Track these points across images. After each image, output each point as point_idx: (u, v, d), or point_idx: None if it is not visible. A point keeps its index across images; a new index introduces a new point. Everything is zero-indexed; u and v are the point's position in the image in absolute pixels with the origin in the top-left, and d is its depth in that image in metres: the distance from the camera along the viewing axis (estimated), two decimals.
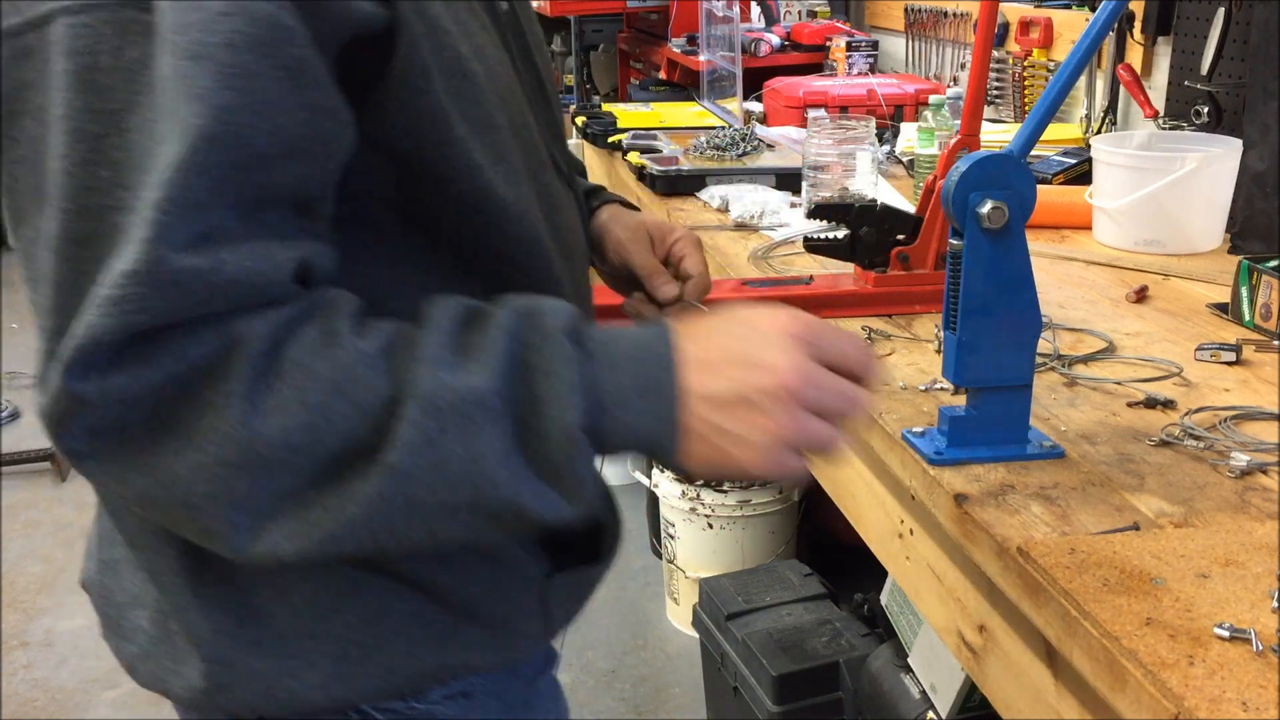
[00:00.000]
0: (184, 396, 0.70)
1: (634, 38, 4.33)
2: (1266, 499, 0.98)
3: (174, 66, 0.69)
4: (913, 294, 1.43)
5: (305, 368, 0.71)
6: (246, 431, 0.70)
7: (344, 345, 0.73)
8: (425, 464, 0.71)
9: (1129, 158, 1.76)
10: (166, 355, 0.69)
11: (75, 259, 0.69)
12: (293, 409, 0.70)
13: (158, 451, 0.70)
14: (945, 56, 2.96)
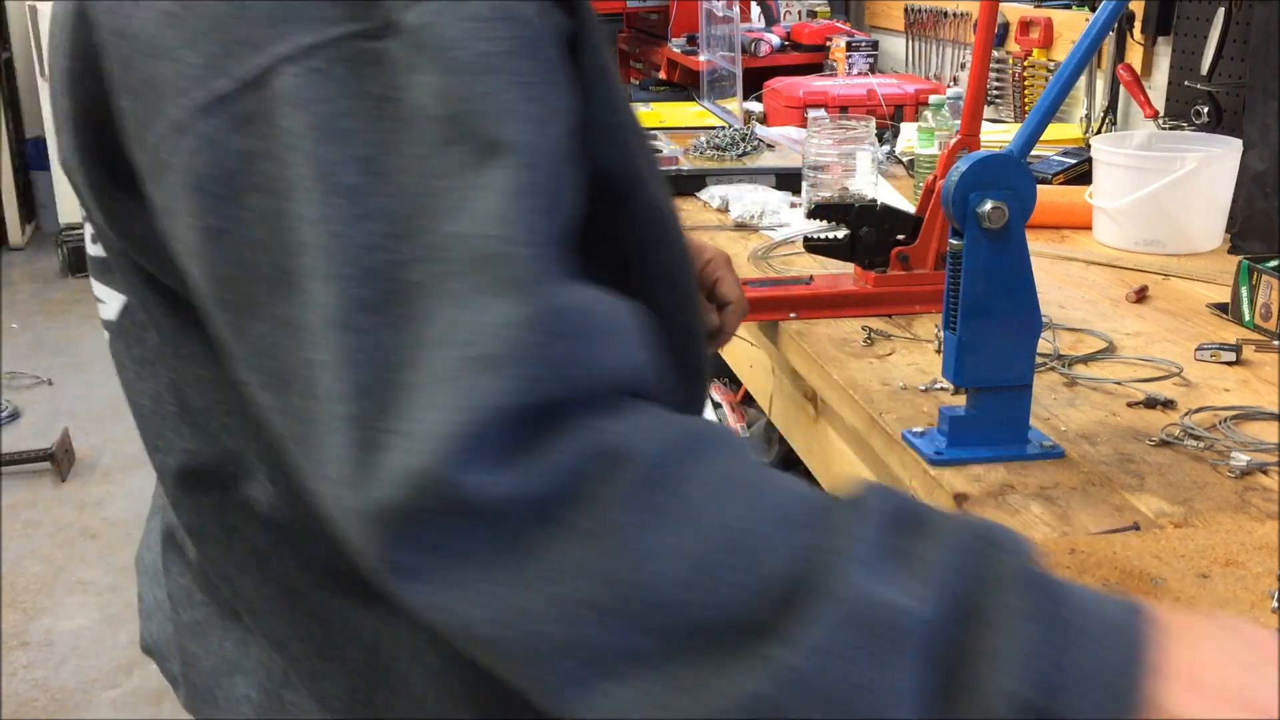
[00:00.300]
0: (559, 511, 0.56)
1: (634, 38, 4.33)
2: (1266, 499, 0.98)
3: (449, 87, 0.59)
4: (913, 294, 1.43)
5: (696, 509, 0.58)
6: (620, 571, 0.56)
7: (741, 492, 0.59)
8: (823, 680, 0.56)
9: (1129, 158, 1.76)
10: (556, 453, 0.56)
11: (373, 328, 0.57)
12: (675, 557, 0.57)
13: (505, 578, 0.57)
14: (945, 56, 2.96)
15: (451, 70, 0.59)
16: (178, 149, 0.61)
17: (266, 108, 0.59)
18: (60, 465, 3.49)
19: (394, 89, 0.59)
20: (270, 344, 0.60)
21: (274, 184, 0.59)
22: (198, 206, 0.60)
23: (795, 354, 1.40)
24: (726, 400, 2.85)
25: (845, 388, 1.24)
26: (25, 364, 4.26)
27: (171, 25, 0.62)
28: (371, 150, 0.59)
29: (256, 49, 0.60)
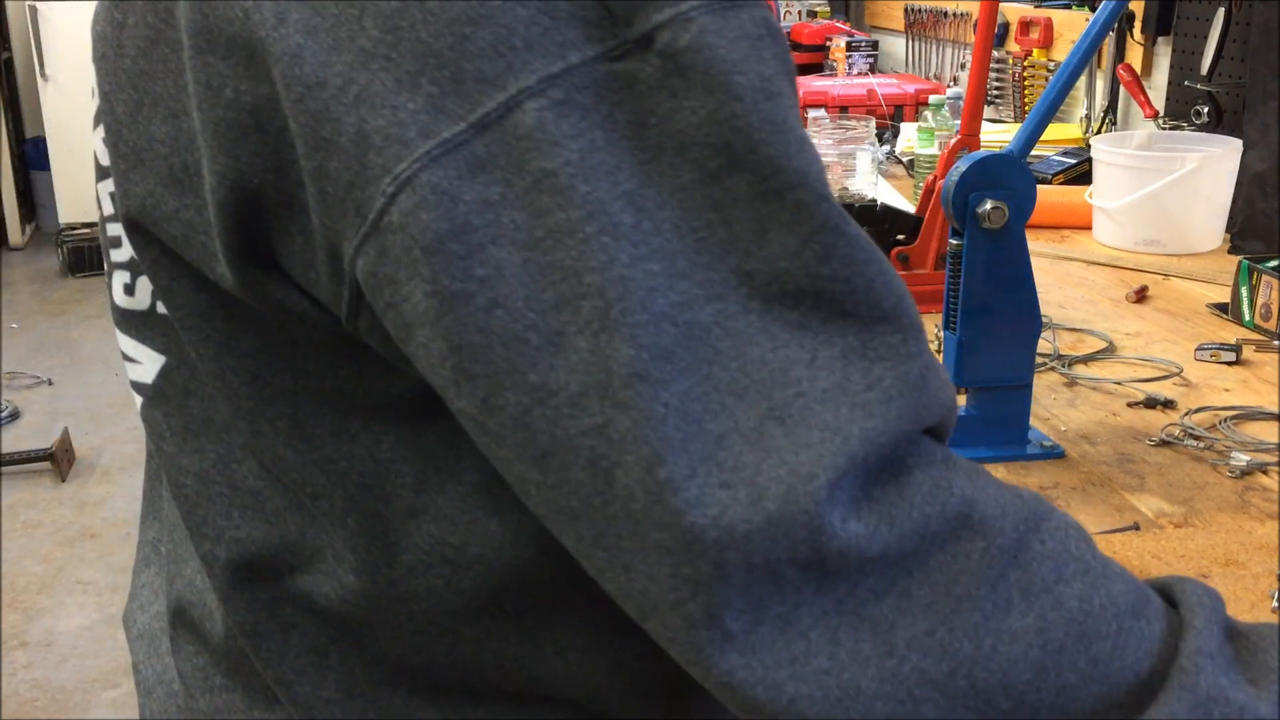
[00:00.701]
0: (908, 576, 0.52)
1: None
2: (1266, 499, 0.98)
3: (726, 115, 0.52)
4: (913, 294, 1.43)
5: (1051, 591, 0.54)
6: (971, 649, 0.52)
7: (1094, 580, 0.55)
8: None
9: (1129, 158, 1.76)
10: (909, 509, 0.51)
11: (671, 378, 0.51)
12: (1028, 639, 0.52)
13: (829, 649, 0.51)
14: (945, 56, 2.97)
15: (730, 96, 0.52)
16: (401, 208, 0.53)
17: (508, 149, 0.52)
18: (60, 465, 3.49)
19: (650, 114, 0.53)
20: (526, 416, 0.52)
21: (517, 234, 0.52)
22: (431, 269, 0.52)
23: None
24: None
25: None
26: (25, 364, 4.26)
27: (376, 66, 0.54)
28: (635, 185, 0.53)
29: (488, 84, 0.52)
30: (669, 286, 0.51)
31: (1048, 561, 0.54)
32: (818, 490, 0.48)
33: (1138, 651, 0.54)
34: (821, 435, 0.50)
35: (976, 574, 0.52)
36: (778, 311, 0.52)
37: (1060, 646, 0.53)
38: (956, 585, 0.52)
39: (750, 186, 0.52)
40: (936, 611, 0.51)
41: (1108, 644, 0.54)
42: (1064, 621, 0.53)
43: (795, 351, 0.51)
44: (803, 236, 0.52)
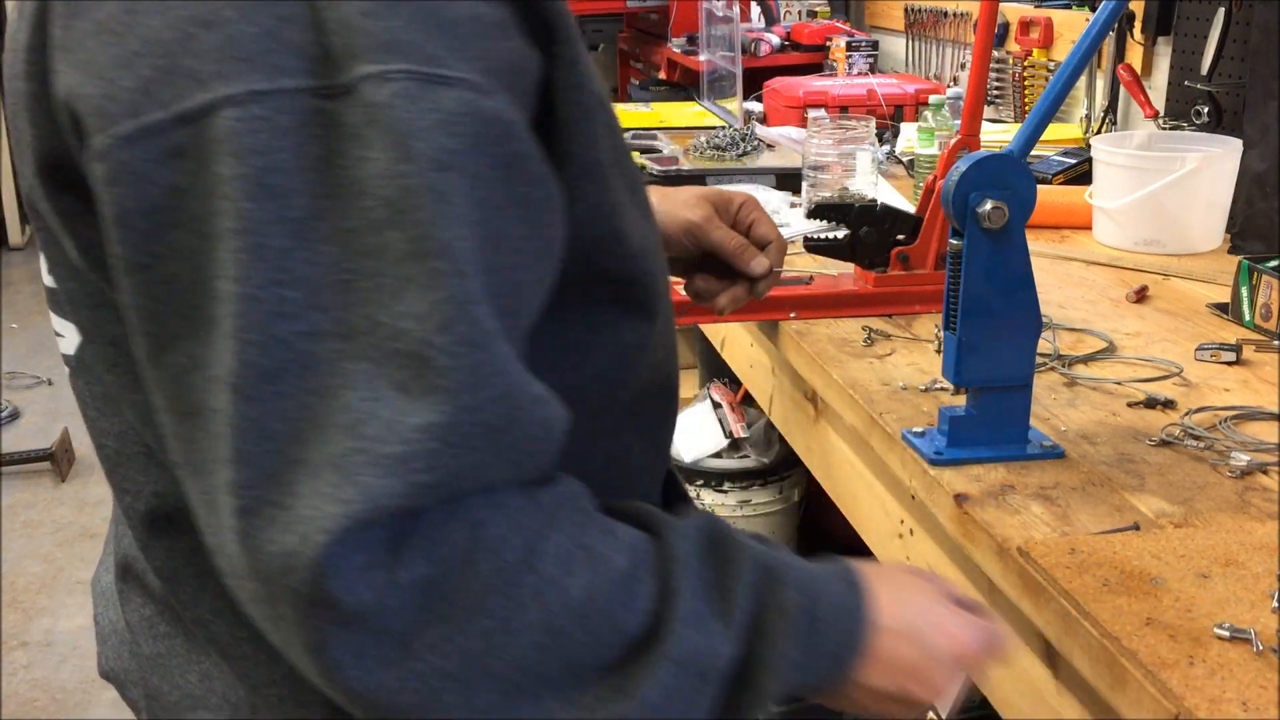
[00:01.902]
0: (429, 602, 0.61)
1: (634, 38, 4.33)
2: (1266, 499, 0.98)
3: (399, 173, 0.58)
4: (913, 294, 1.43)
5: (557, 586, 0.65)
6: (481, 648, 0.63)
7: (598, 565, 0.67)
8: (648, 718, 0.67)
9: (1129, 158, 1.76)
10: (418, 549, 0.60)
11: (262, 398, 0.58)
12: (534, 629, 0.64)
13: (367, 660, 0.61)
14: (945, 56, 2.96)
15: (406, 158, 0.58)
16: (101, 177, 0.59)
17: (200, 146, 0.57)
18: (60, 465, 3.49)
19: (339, 155, 0.58)
20: (182, 377, 0.60)
21: (198, 226, 0.58)
22: (120, 238, 0.59)
23: (795, 354, 1.40)
24: (726, 400, 2.85)
25: (845, 388, 1.24)
26: (25, 364, 4.26)
27: (107, 40, 0.59)
28: (304, 214, 0.58)
29: (199, 83, 0.58)
30: (300, 315, 0.58)
31: (558, 562, 0.64)
32: (330, 540, 0.56)
33: (632, 615, 0.67)
34: (357, 493, 0.57)
35: (487, 587, 0.62)
36: (388, 367, 0.58)
37: (563, 629, 0.64)
38: (467, 598, 0.62)
39: (401, 245, 0.58)
40: (451, 621, 0.61)
41: (606, 618, 0.66)
42: (569, 610, 0.64)
43: (383, 410, 0.58)
44: (431, 303, 0.58)
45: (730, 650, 0.70)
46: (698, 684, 0.68)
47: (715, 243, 1.05)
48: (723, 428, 2.79)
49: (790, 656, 0.72)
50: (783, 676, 0.72)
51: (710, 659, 0.69)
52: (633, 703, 0.66)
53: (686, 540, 0.72)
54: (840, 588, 0.77)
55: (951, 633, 0.81)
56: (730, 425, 2.78)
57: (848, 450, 1.34)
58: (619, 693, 0.67)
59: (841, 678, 0.77)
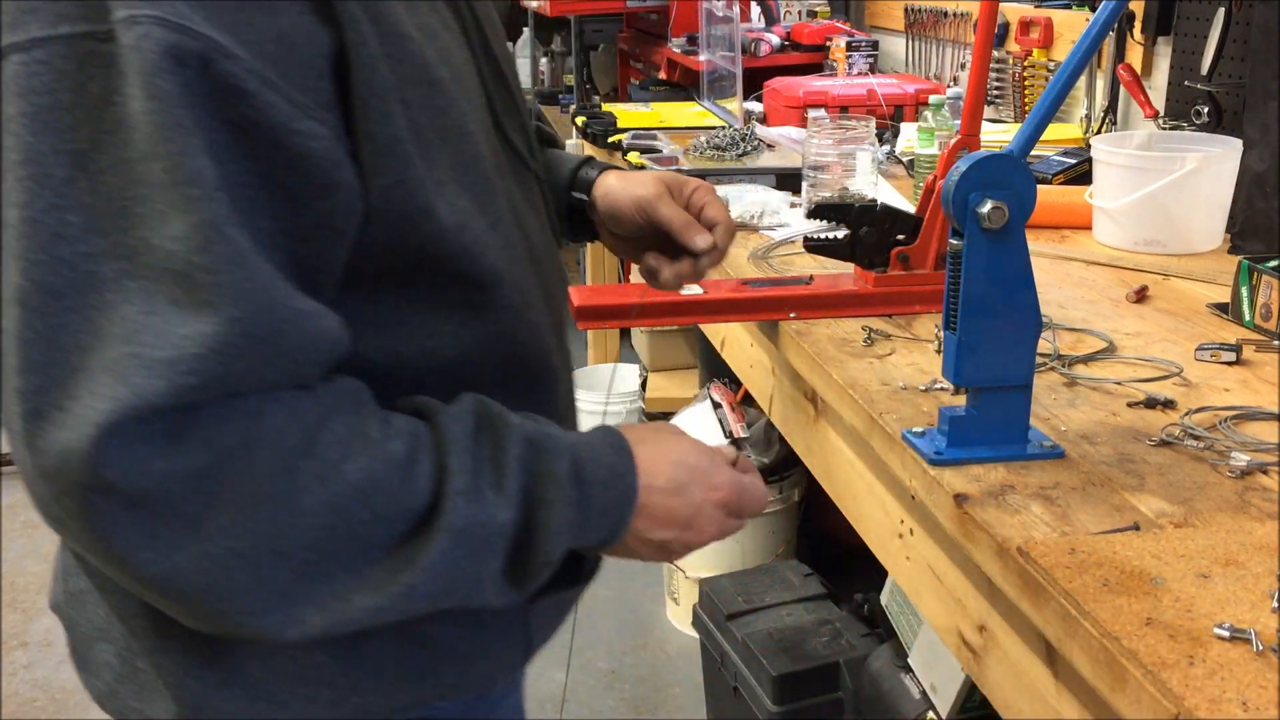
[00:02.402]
0: (211, 485, 0.69)
1: (634, 38, 4.33)
2: (1266, 499, 0.98)
3: (151, 110, 0.66)
4: (913, 294, 1.43)
5: (337, 470, 0.73)
6: (268, 530, 0.70)
7: (374, 450, 0.74)
8: (440, 586, 0.77)
9: (1129, 158, 1.76)
10: (197, 439, 0.68)
11: (48, 312, 0.66)
12: (319, 510, 0.72)
13: (160, 543, 0.69)
14: (945, 56, 2.96)
15: (153, 95, 0.65)
16: None
17: None
18: None
19: (114, 93, 0.66)
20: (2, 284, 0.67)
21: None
22: None
23: (795, 354, 1.40)
24: (726, 400, 2.85)
25: (845, 388, 1.24)
26: None
27: None
28: (84, 146, 0.66)
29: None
30: (82, 239, 0.66)
31: (336, 447, 0.73)
32: (100, 432, 0.64)
33: (411, 494, 0.75)
34: (128, 391, 0.64)
35: (270, 472, 0.70)
36: (163, 284, 0.66)
37: (348, 509, 0.72)
38: (252, 483, 0.69)
39: (162, 174, 0.66)
40: (238, 506, 0.69)
41: (387, 496, 0.74)
42: (351, 491, 0.72)
43: (157, 321, 0.65)
44: (190, 226, 0.66)
45: (506, 516, 0.78)
46: (479, 549, 0.77)
47: (663, 217, 1.10)
48: (723, 428, 2.79)
49: (566, 517, 0.81)
50: (563, 536, 0.82)
51: (487, 526, 0.77)
52: (418, 571, 0.75)
53: (459, 423, 0.80)
54: (608, 453, 0.86)
55: (715, 484, 0.91)
56: (730, 425, 2.78)
57: (848, 450, 1.34)
58: (407, 563, 0.75)
59: (618, 533, 0.87)
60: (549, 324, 0.95)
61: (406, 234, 0.80)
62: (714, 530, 0.92)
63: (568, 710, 2.62)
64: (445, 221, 0.81)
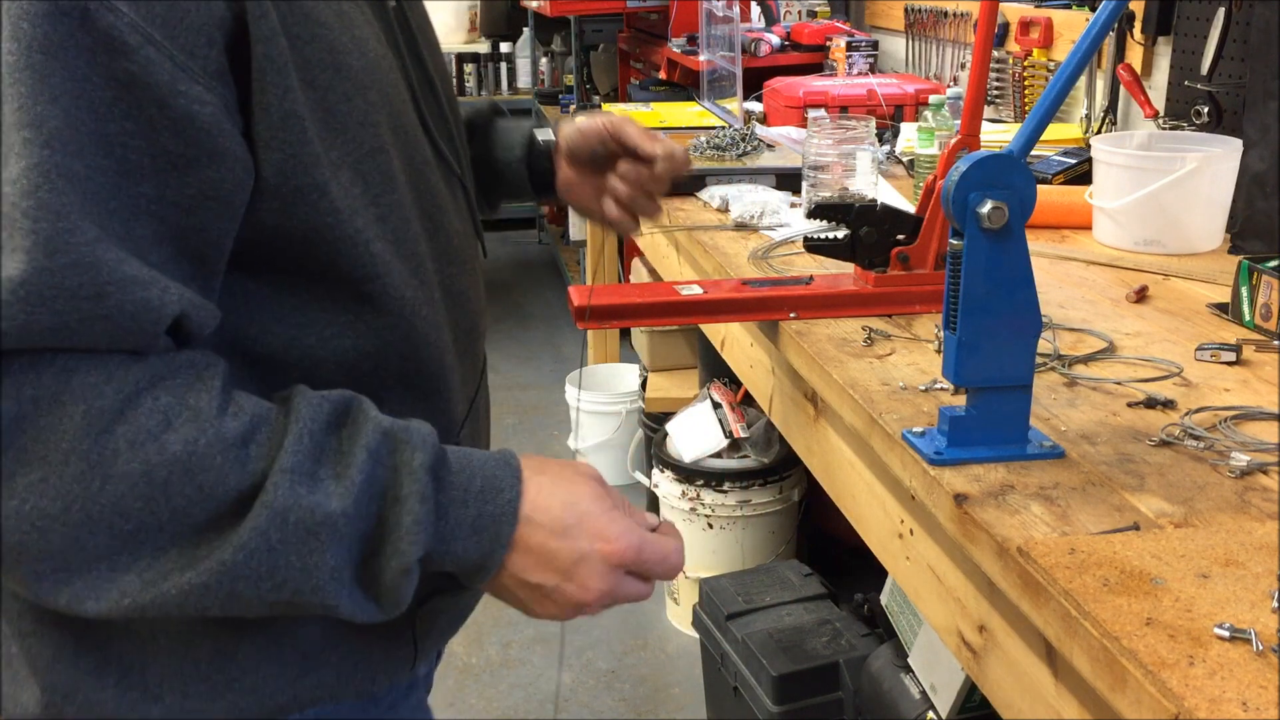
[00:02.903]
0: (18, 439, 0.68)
1: (634, 38, 4.33)
2: (1266, 499, 0.98)
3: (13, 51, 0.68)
4: (913, 294, 1.43)
5: (156, 439, 0.71)
6: (79, 492, 0.69)
7: (203, 424, 0.73)
8: (257, 569, 0.73)
9: (1129, 158, 1.76)
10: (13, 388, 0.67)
11: None
12: (133, 478, 0.70)
13: None
14: (945, 56, 2.96)
15: (14, 38, 0.67)
16: None
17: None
18: None
19: None
20: None
21: None
22: None
23: (795, 354, 1.40)
24: (726, 400, 2.85)
25: (845, 388, 1.24)
26: None
27: None
28: None
29: None
30: None
31: (156, 415, 0.71)
32: None
33: (241, 473, 0.73)
34: None
35: (79, 430, 0.68)
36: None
37: (165, 480, 0.70)
38: (63, 442, 0.68)
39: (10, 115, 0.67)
40: (48, 463, 0.68)
41: (211, 474, 0.72)
42: (169, 463, 0.71)
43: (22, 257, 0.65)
44: (22, 169, 0.66)
45: (341, 506, 0.74)
46: (305, 537, 0.74)
47: (628, 133, 1.17)
48: (723, 428, 2.79)
49: (418, 514, 0.76)
50: (416, 537, 0.76)
51: (314, 513, 0.74)
52: (231, 547, 0.72)
53: (312, 408, 0.77)
54: (490, 464, 0.82)
55: (607, 535, 0.84)
56: (730, 425, 2.78)
57: (848, 450, 1.34)
58: (223, 540, 0.72)
59: (494, 555, 0.80)
60: (449, 329, 0.94)
61: (299, 212, 0.79)
62: (600, 586, 0.84)
63: (568, 710, 2.62)
64: (337, 202, 0.80)
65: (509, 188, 1.27)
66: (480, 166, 1.24)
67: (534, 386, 4.33)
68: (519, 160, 1.25)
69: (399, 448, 0.78)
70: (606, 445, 3.54)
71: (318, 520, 0.74)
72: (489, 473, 0.81)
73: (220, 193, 0.74)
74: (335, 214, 0.80)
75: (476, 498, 0.80)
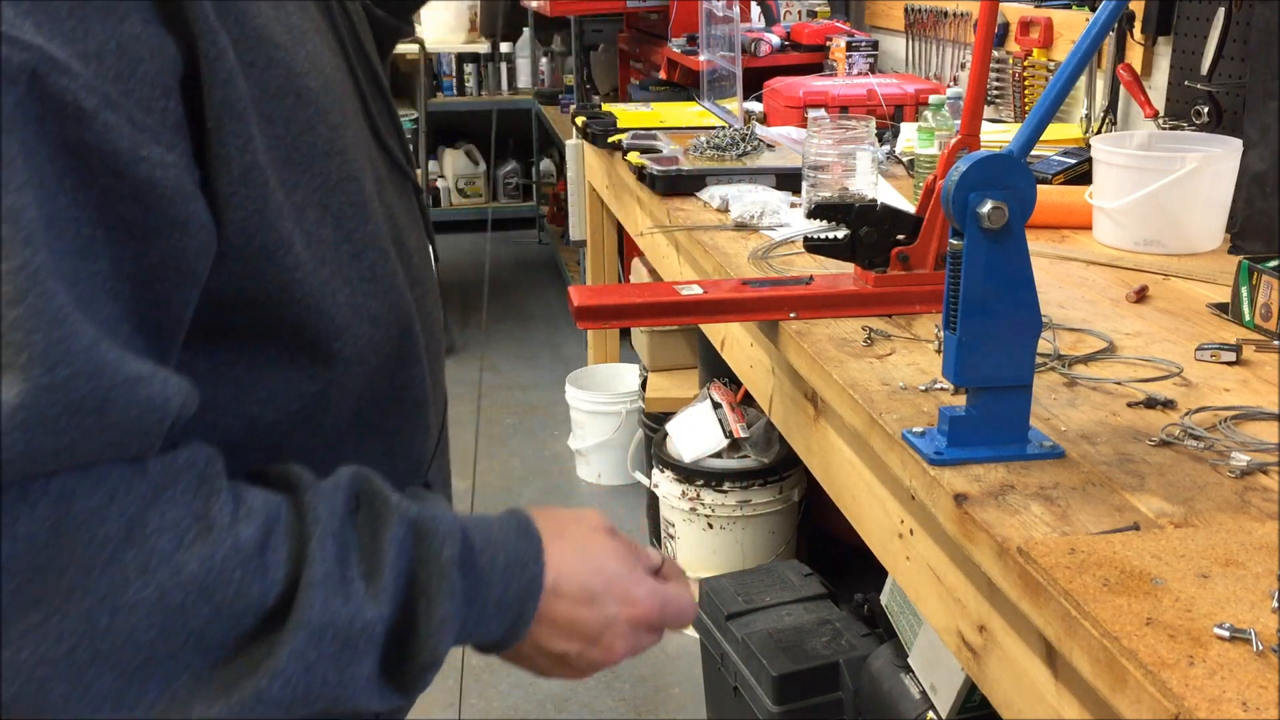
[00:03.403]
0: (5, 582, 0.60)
1: (634, 38, 4.33)
2: (1266, 499, 0.98)
3: None
4: (913, 294, 1.43)
5: (169, 560, 0.63)
6: (87, 628, 0.61)
7: (217, 536, 0.65)
8: (294, 691, 0.67)
9: (1129, 158, 1.76)
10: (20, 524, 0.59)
11: None
12: (146, 607, 0.63)
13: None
14: (945, 56, 2.96)
15: None
16: None
17: None
18: None
19: None
20: None
21: None
22: None
23: (795, 354, 1.40)
24: (726, 400, 2.85)
25: (845, 388, 1.24)
26: None
27: None
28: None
29: None
30: None
31: (166, 534, 0.63)
32: None
33: (263, 585, 0.66)
34: None
35: (84, 563, 0.61)
36: None
37: (181, 604, 0.63)
38: (64, 578, 0.60)
39: None
40: (48, 603, 0.60)
41: (231, 589, 0.65)
42: (184, 585, 0.63)
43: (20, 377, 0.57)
44: (4, 273, 0.57)
45: (378, 613, 0.70)
46: (343, 650, 0.68)
47: None
48: (723, 428, 2.79)
49: (450, 611, 0.72)
50: (447, 632, 0.72)
51: (353, 624, 0.68)
52: (266, 676, 0.66)
53: (326, 502, 0.71)
54: (511, 537, 0.78)
55: (633, 598, 0.82)
56: (730, 425, 2.78)
57: (848, 450, 1.34)
58: (255, 667, 0.66)
59: (519, 632, 0.78)
60: (427, 360, 0.88)
61: (264, 272, 0.71)
62: (625, 649, 0.82)
63: (568, 710, 2.62)
64: (301, 255, 0.72)
65: None
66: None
67: (534, 386, 4.33)
68: None
69: (426, 539, 0.73)
70: (606, 445, 3.54)
71: (356, 631, 0.69)
72: (511, 547, 0.77)
73: (183, 262, 0.66)
74: (300, 269, 0.72)
75: (501, 575, 0.76)
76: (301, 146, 0.73)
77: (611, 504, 3.48)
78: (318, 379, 0.77)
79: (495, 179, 6.40)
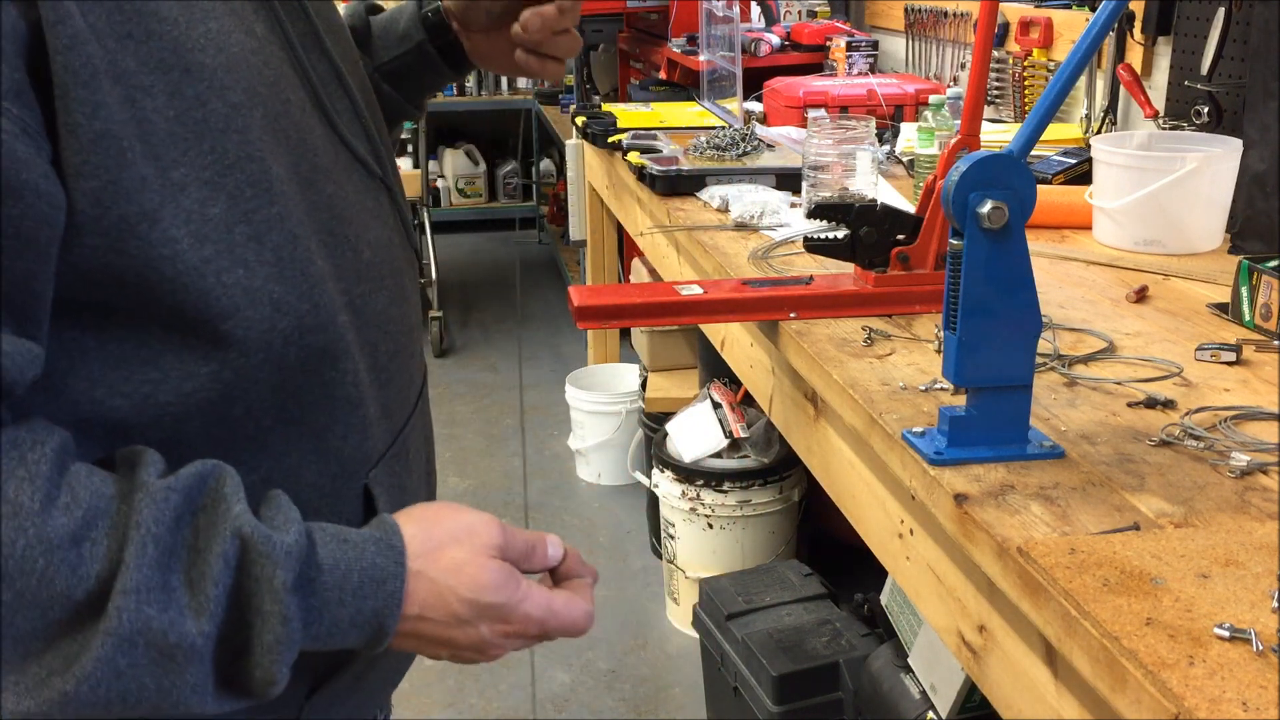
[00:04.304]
0: None
1: (634, 38, 4.33)
2: (1266, 499, 0.98)
3: None
4: (913, 294, 1.43)
5: None
6: None
7: (24, 522, 0.64)
8: (106, 694, 0.66)
9: (1129, 158, 1.76)
10: None
11: None
12: None
13: None
14: (945, 56, 2.96)
15: None
16: None
17: None
18: None
19: None
20: None
21: None
22: None
23: (795, 354, 1.40)
24: (726, 400, 2.85)
25: (845, 388, 1.24)
26: None
27: None
28: None
29: None
30: None
31: None
32: None
33: (71, 578, 0.65)
34: None
35: None
36: None
37: None
38: None
39: None
40: None
41: (33, 579, 0.64)
42: None
43: None
44: None
45: (199, 625, 0.68)
46: (159, 659, 0.67)
47: None
48: (723, 428, 2.79)
49: (282, 635, 0.70)
50: (282, 654, 0.71)
51: (168, 633, 0.67)
52: (72, 678, 0.65)
53: (155, 506, 0.69)
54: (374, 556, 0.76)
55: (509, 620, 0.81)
56: (730, 425, 2.78)
57: (848, 450, 1.34)
58: (62, 667, 0.65)
59: (378, 644, 0.76)
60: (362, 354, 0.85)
61: (127, 246, 0.69)
62: (502, 653, 0.83)
63: (569, 710, 2.62)
64: (172, 231, 0.71)
65: (428, 77, 1.17)
66: (390, 72, 1.15)
67: (534, 386, 4.33)
68: (424, 42, 1.14)
69: (258, 560, 0.70)
70: (606, 445, 3.54)
71: (172, 643, 0.67)
72: (368, 563, 0.75)
73: (20, 230, 0.64)
74: (171, 244, 0.70)
75: (354, 594, 0.74)
76: (189, 121, 0.72)
77: (611, 504, 3.48)
78: (213, 361, 0.74)
79: (495, 179, 6.40)
